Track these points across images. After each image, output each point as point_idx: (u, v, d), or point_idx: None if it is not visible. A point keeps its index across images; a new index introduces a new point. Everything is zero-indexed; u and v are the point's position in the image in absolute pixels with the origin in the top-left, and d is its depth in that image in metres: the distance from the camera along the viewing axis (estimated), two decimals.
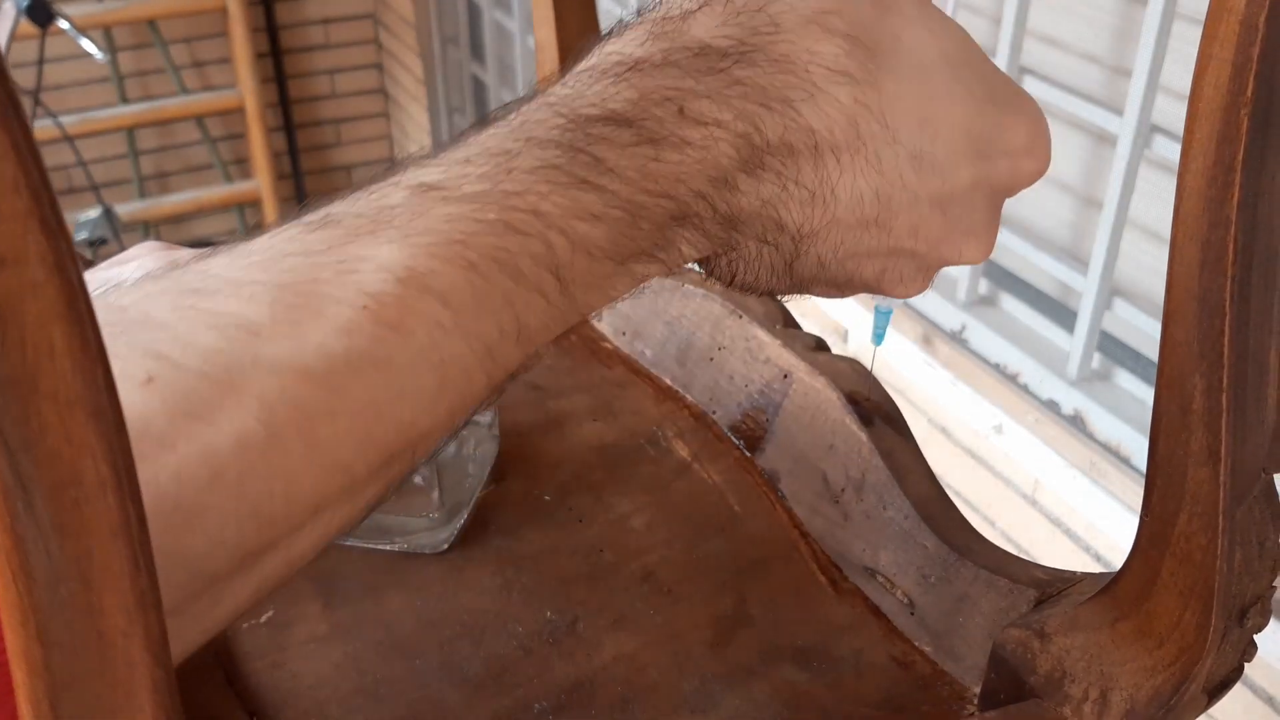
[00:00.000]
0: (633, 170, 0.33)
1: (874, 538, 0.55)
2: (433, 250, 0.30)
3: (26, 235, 0.19)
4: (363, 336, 0.29)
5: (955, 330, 1.50)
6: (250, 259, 0.31)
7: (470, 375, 0.31)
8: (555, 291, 0.32)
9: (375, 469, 0.30)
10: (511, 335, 0.32)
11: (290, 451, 0.28)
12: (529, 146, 0.32)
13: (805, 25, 0.35)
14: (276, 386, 0.28)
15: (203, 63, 3.05)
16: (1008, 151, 0.38)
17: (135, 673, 0.22)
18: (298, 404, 0.28)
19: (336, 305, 0.29)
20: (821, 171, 0.35)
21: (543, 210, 0.32)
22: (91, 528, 0.20)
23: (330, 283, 0.29)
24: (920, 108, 0.36)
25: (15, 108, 0.18)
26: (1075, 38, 1.37)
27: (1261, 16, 0.31)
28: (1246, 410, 0.37)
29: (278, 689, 0.48)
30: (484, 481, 0.59)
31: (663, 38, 0.34)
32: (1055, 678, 0.43)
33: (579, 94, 0.34)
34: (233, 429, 0.27)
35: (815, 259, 0.37)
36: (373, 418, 0.29)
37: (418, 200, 0.31)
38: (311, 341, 0.29)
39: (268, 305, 0.29)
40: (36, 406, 0.19)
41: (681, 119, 0.33)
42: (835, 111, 0.35)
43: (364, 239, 0.30)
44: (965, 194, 0.38)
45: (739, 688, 0.50)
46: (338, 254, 0.30)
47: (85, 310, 0.19)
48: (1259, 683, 1.12)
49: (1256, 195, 0.34)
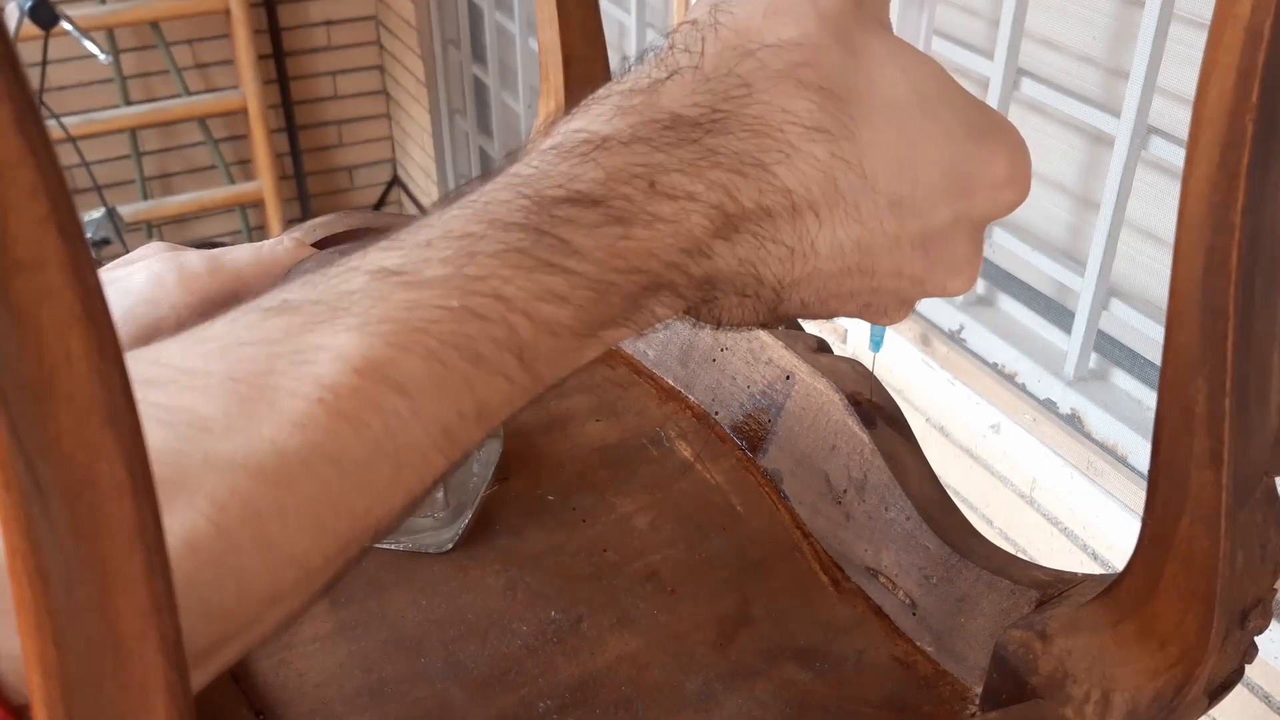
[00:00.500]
0: (600, 250, 0.32)
1: (876, 538, 0.56)
2: (391, 339, 0.30)
3: (45, 240, 0.19)
4: (317, 430, 0.29)
5: (953, 330, 1.51)
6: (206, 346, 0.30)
7: (428, 459, 0.31)
8: (518, 372, 0.32)
9: (331, 558, 0.30)
10: (471, 417, 0.31)
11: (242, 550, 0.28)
12: (492, 229, 0.32)
13: (778, 82, 0.34)
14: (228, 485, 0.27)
15: (205, 64, 3.05)
16: (988, 184, 0.37)
17: (150, 675, 0.22)
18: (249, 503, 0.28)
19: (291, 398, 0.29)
20: (800, 228, 0.35)
21: (505, 295, 0.31)
22: (107, 531, 0.20)
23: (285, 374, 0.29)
24: (897, 152, 0.35)
25: (34, 114, 0.18)
26: (1072, 39, 1.37)
27: (1267, 23, 0.31)
28: (1249, 414, 0.37)
29: (284, 687, 0.48)
30: (488, 481, 0.59)
31: (630, 112, 0.34)
32: (1057, 678, 0.43)
33: (543, 174, 0.33)
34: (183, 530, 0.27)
35: (799, 302, 0.37)
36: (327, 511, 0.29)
37: (377, 286, 0.31)
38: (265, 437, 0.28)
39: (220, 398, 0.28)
40: (53, 410, 0.19)
41: (653, 194, 0.33)
42: (812, 169, 0.34)
43: (321, 327, 0.30)
44: (946, 232, 0.37)
45: (741, 687, 0.50)
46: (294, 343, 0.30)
47: (102, 315, 0.20)
48: (1258, 683, 1.13)
49: (1260, 200, 0.34)
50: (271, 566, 0.28)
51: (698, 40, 0.35)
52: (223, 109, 2.96)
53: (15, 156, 0.18)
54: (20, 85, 0.18)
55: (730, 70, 0.34)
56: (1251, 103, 0.32)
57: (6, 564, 0.20)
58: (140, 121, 2.89)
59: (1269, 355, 0.37)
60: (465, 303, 0.31)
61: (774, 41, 0.34)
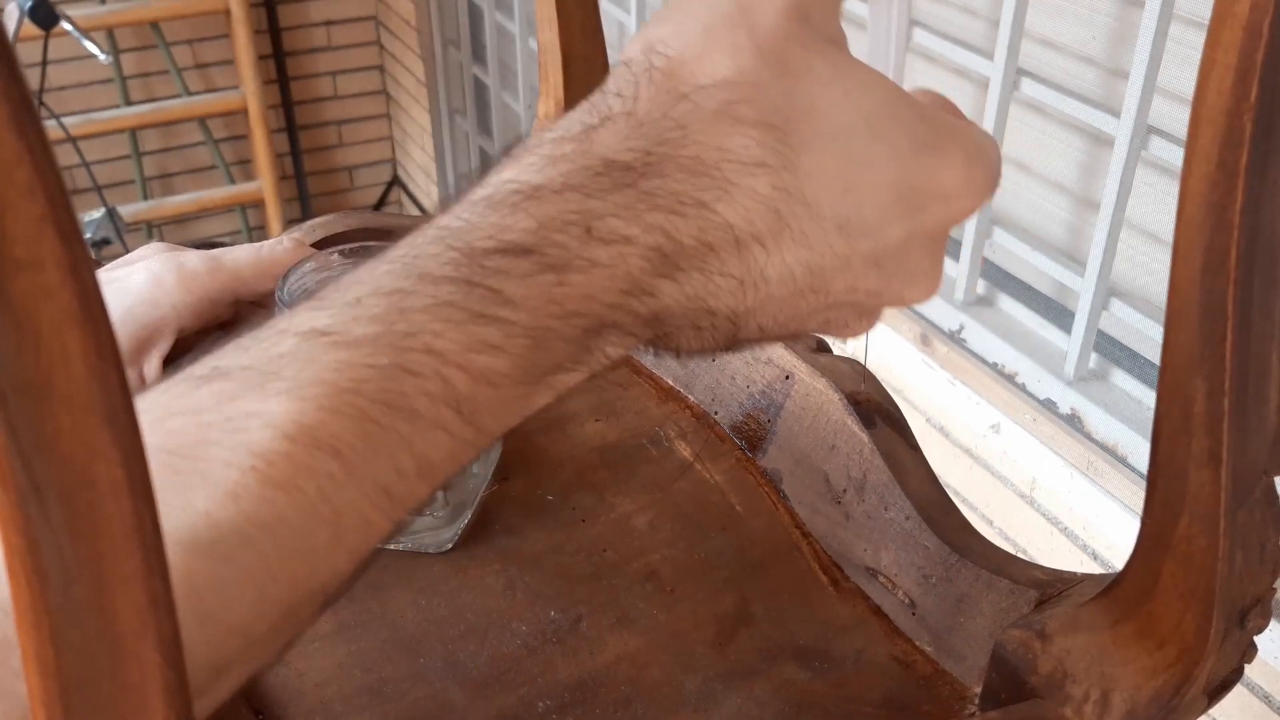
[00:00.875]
0: (534, 299, 0.32)
1: (875, 538, 0.56)
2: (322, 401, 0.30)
3: (42, 240, 0.19)
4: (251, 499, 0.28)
5: (953, 330, 1.51)
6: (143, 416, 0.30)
7: (368, 519, 0.30)
8: (458, 425, 0.31)
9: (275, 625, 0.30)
10: (412, 474, 0.31)
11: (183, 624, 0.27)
12: (421, 283, 0.31)
13: (713, 122, 0.34)
14: None
15: (205, 64, 3.05)
16: (938, 197, 0.36)
17: (147, 674, 0.22)
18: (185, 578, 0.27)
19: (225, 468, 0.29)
20: (747, 259, 0.34)
21: (437, 349, 0.31)
22: (105, 530, 0.20)
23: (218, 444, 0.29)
24: (842, 177, 0.35)
25: (31, 113, 0.18)
26: (1072, 39, 1.37)
27: (1266, 22, 0.31)
28: (1248, 413, 0.37)
29: (284, 687, 0.48)
30: (488, 481, 0.59)
31: (562, 160, 0.33)
32: (1056, 678, 0.43)
33: (472, 226, 0.33)
34: None
35: (756, 328, 0.37)
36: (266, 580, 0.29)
37: (306, 348, 0.31)
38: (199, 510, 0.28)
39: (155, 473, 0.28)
40: (51, 410, 0.19)
41: (589, 240, 0.32)
42: (753, 203, 0.34)
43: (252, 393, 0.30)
44: (899, 247, 0.37)
45: (741, 687, 0.50)
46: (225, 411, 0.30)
47: (100, 315, 0.20)
48: (1257, 682, 1.13)
49: (1259, 200, 0.34)
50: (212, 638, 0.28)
51: (631, 84, 0.34)
52: (223, 109, 2.96)
53: (12, 156, 0.18)
54: (17, 84, 0.18)
55: (664, 114, 0.34)
56: (1250, 102, 0.32)
57: (5, 563, 0.20)
58: (140, 121, 2.89)
59: (1268, 355, 0.37)
60: (396, 359, 0.30)
61: (708, 82, 0.34)
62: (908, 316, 1.54)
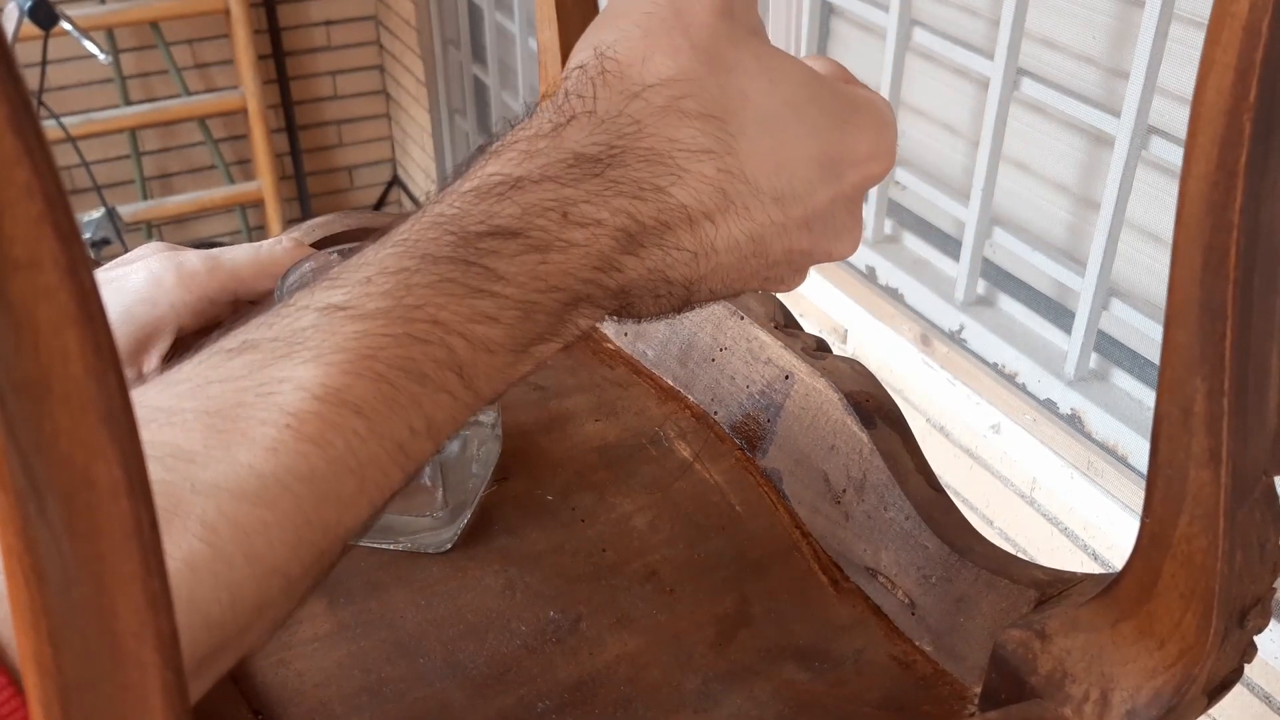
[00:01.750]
0: (523, 275, 0.36)
1: (875, 538, 0.56)
2: (345, 367, 0.33)
3: (40, 240, 0.19)
4: (288, 453, 0.32)
5: (953, 330, 1.51)
6: (178, 388, 0.33)
7: (386, 472, 0.34)
8: (459, 388, 0.35)
9: (309, 567, 0.33)
10: (422, 432, 0.35)
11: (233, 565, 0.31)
12: (424, 263, 0.35)
13: (663, 116, 0.38)
14: (215, 509, 0.31)
15: (205, 64, 3.05)
16: (853, 163, 0.42)
17: (146, 674, 0.22)
18: (235, 522, 0.31)
19: (262, 426, 0.32)
20: (699, 234, 0.39)
21: (442, 319, 0.35)
22: (104, 531, 0.20)
23: (254, 405, 0.32)
24: (774, 155, 0.40)
25: (29, 113, 0.18)
26: (1072, 39, 1.37)
27: (1265, 21, 0.31)
28: (1248, 413, 0.37)
29: (283, 687, 0.48)
30: (487, 481, 0.59)
31: (538, 155, 0.38)
32: (1056, 678, 0.43)
33: (465, 213, 0.37)
34: (181, 552, 0.30)
35: (707, 291, 0.41)
36: (303, 524, 0.32)
37: (326, 321, 0.34)
38: (242, 463, 0.31)
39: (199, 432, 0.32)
40: (50, 410, 0.19)
41: (565, 223, 0.37)
42: (702, 185, 0.39)
43: (281, 362, 0.33)
44: (825, 210, 0.42)
45: (740, 687, 0.50)
46: (258, 378, 0.33)
47: (98, 314, 0.20)
48: (1257, 682, 1.13)
49: (1259, 199, 0.34)
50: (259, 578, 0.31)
51: (589, 86, 0.39)
52: (223, 109, 2.95)
53: (11, 156, 0.18)
54: (16, 84, 0.18)
55: (620, 111, 0.38)
56: (1249, 101, 0.32)
57: (4, 563, 0.20)
58: (140, 121, 2.89)
59: (1268, 354, 0.37)
60: (407, 330, 0.34)
61: (655, 81, 0.39)
62: (908, 317, 1.54)
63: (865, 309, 1.61)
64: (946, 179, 1.59)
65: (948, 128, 1.59)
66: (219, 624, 0.31)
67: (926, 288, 1.54)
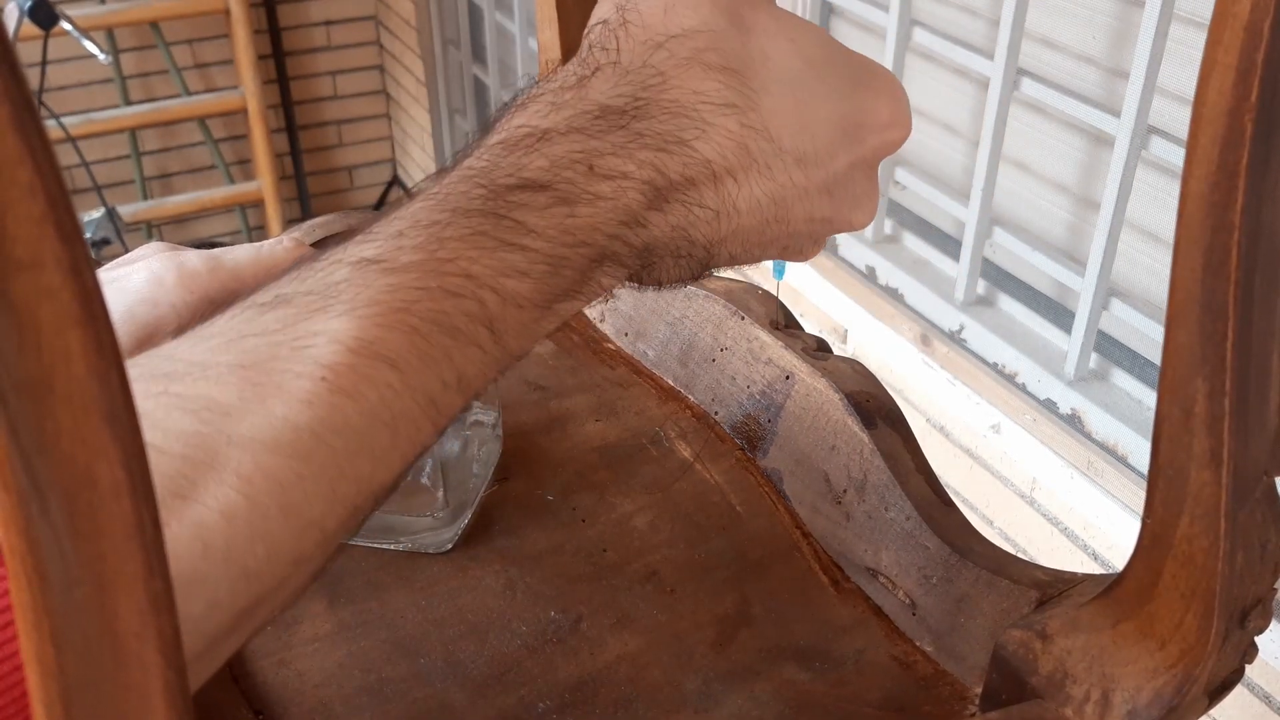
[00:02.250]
0: (552, 229, 0.36)
1: (876, 538, 0.56)
2: (378, 320, 0.33)
3: (43, 240, 0.19)
4: (322, 406, 0.32)
5: (953, 330, 1.51)
6: (212, 342, 0.33)
7: (418, 426, 0.34)
8: (490, 343, 0.35)
9: (344, 521, 0.33)
10: (453, 386, 0.35)
11: (269, 517, 0.31)
12: (456, 217, 0.35)
13: (687, 68, 0.39)
14: (251, 461, 0.31)
15: (205, 64, 3.05)
16: (875, 128, 0.42)
17: (148, 675, 0.22)
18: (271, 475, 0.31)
19: (296, 379, 0.32)
20: (722, 192, 0.39)
21: (473, 273, 0.35)
22: (106, 531, 0.20)
23: (288, 359, 0.32)
24: (796, 114, 0.40)
25: (32, 113, 0.18)
26: (1073, 39, 1.37)
27: (1266, 22, 0.31)
28: (1249, 414, 0.37)
29: (283, 687, 0.48)
30: (488, 481, 0.59)
31: (564, 107, 0.38)
32: (1057, 678, 0.43)
33: (495, 166, 0.37)
34: (218, 504, 0.30)
35: (727, 256, 0.41)
36: (337, 477, 0.32)
37: (360, 275, 0.34)
38: (277, 416, 0.31)
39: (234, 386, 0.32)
40: (52, 410, 0.19)
41: (592, 176, 0.37)
42: (726, 140, 0.39)
43: (315, 315, 0.33)
44: (846, 175, 0.42)
45: (741, 687, 0.50)
46: (292, 331, 0.33)
47: (100, 314, 0.20)
48: (1257, 682, 1.13)
49: (1260, 200, 0.34)
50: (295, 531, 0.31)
51: (612, 39, 0.39)
52: (223, 109, 2.95)
53: (13, 156, 0.18)
54: (18, 84, 0.18)
55: (645, 63, 0.39)
56: (1251, 102, 0.32)
57: (6, 563, 0.20)
58: (140, 121, 2.88)
59: (1269, 355, 0.37)
60: (439, 283, 0.34)
61: (678, 32, 0.39)
62: (908, 317, 1.54)
63: (865, 309, 1.61)
64: (946, 179, 1.59)
65: (948, 128, 1.59)
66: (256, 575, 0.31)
67: (926, 288, 1.54)
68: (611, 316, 0.71)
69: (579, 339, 0.71)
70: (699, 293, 0.67)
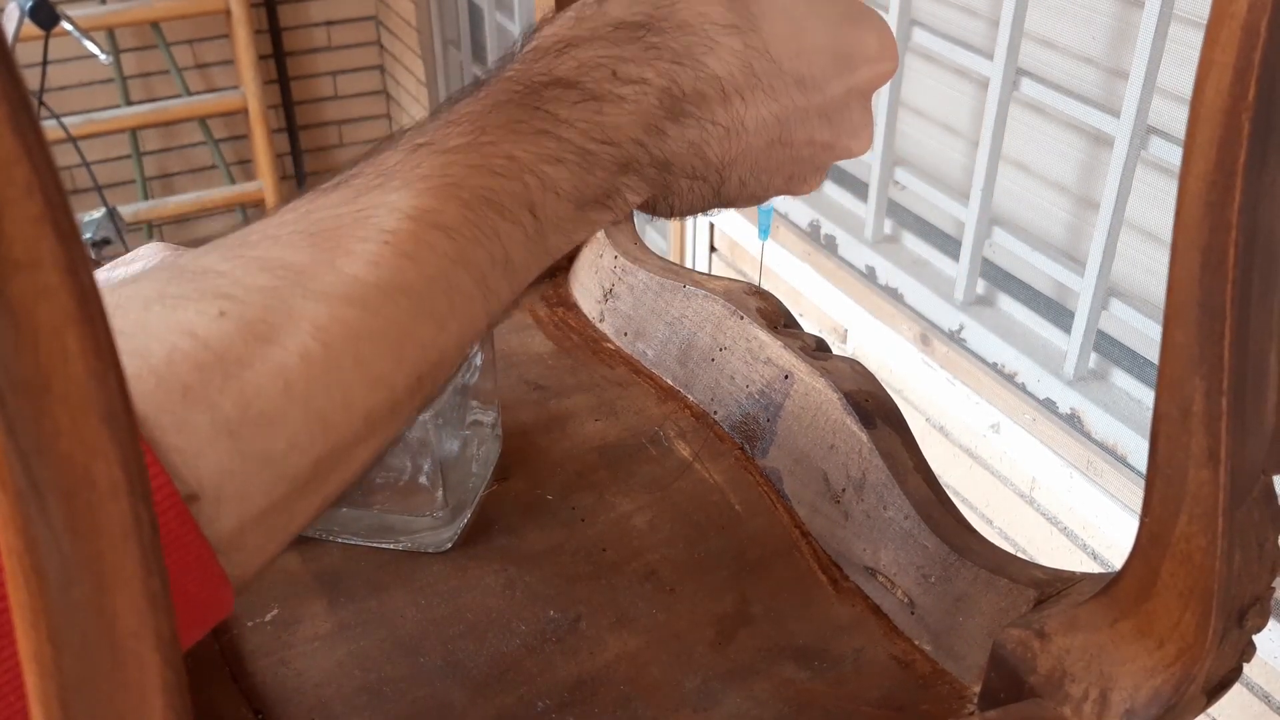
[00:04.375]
0: (582, 121, 0.39)
1: (874, 537, 0.56)
2: (433, 191, 0.36)
3: (40, 239, 0.19)
4: (387, 267, 0.34)
5: (953, 330, 1.51)
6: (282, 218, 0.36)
7: (471, 300, 0.36)
8: (532, 226, 0.38)
9: (410, 386, 0.35)
10: (500, 264, 0.37)
11: (343, 366, 0.33)
12: (496, 109, 0.39)
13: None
14: (325, 312, 0.33)
15: (206, 65, 3.05)
16: (865, 59, 0.46)
17: (146, 674, 0.22)
18: (344, 325, 0.33)
19: (362, 243, 0.34)
20: (731, 110, 0.42)
21: (516, 155, 0.38)
22: (104, 530, 0.20)
23: (354, 226, 0.35)
24: (794, 40, 0.44)
25: (28, 112, 0.18)
26: (1072, 40, 1.37)
27: (1263, 20, 0.31)
28: (1246, 413, 0.37)
29: (283, 687, 0.48)
30: (487, 481, 0.59)
31: (588, 20, 0.42)
32: (1055, 677, 0.43)
33: (529, 68, 0.40)
34: (296, 347, 0.32)
35: (737, 181, 0.45)
36: (403, 335, 0.34)
37: (413, 156, 0.37)
38: (347, 274, 0.34)
39: (306, 249, 0.34)
40: (50, 410, 0.19)
41: (615, 80, 0.40)
42: (732, 58, 0.42)
43: (374, 191, 0.36)
44: (842, 101, 0.46)
45: (740, 686, 0.50)
46: (355, 205, 0.35)
47: (98, 314, 0.20)
48: (1256, 682, 1.13)
49: (1257, 199, 0.34)
50: (367, 384, 0.34)
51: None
52: (223, 109, 2.96)
53: (10, 155, 0.18)
54: (15, 83, 0.18)
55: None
56: (1248, 101, 0.32)
57: (4, 563, 0.20)
58: (141, 121, 2.89)
59: (1266, 353, 0.37)
60: (485, 162, 0.37)
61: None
62: (908, 316, 1.54)
63: (865, 309, 1.61)
64: (946, 179, 1.59)
65: (948, 128, 1.59)
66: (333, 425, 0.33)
67: (926, 287, 1.54)
68: (611, 316, 0.71)
69: (578, 339, 0.71)
70: (698, 292, 0.67)
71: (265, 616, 0.51)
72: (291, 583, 0.53)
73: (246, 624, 0.51)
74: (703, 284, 0.67)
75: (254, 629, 0.51)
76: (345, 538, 0.56)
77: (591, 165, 0.39)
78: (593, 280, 0.73)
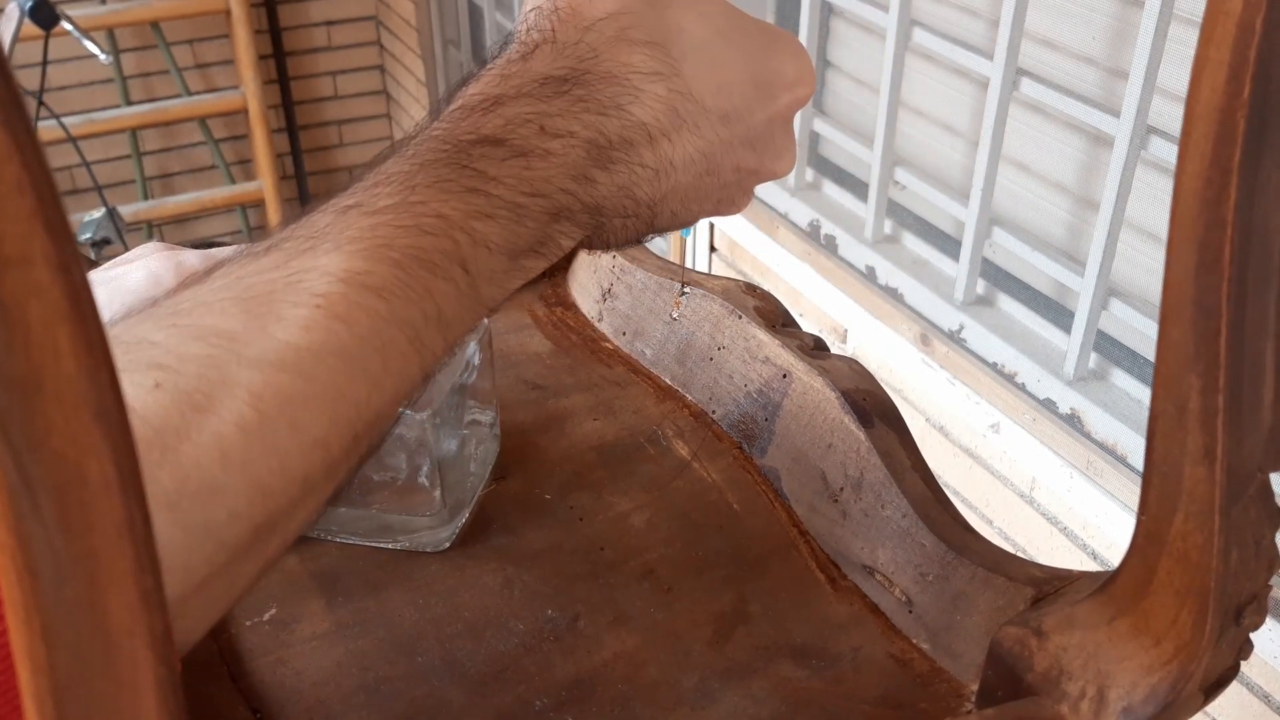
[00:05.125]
0: (510, 178, 0.40)
1: (872, 536, 0.56)
2: (363, 253, 0.36)
3: (31, 236, 0.19)
4: (319, 330, 0.35)
5: (953, 330, 1.50)
6: (215, 284, 0.36)
7: (405, 358, 0.37)
8: (464, 282, 0.38)
9: (346, 446, 0.36)
10: (434, 321, 0.37)
11: (279, 432, 0.33)
12: (424, 168, 0.39)
13: (615, 44, 0.43)
14: (260, 379, 0.33)
15: (206, 64, 3.05)
16: (785, 85, 0.47)
17: (139, 671, 0.22)
18: (279, 391, 0.33)
19: (294, 308, 0.35)
20: (659, 152, 0.44)
21: (445, 214, 0.38)
22: (96, 527, 0.20)
23: (285, 291, 0.35)
24: (715, 77, 0.45)
25: (19, 109, 0.18)
26: (1072, 39, 1.37)
27: (1258, 18, 0.31)
28: (1242, 410, 0.37)
29: (281, 686, 0.48)
30: (485, 480, 0.59)
31: (513, 78, 0.42)
32: (1052, 675, 0.43)
33: (455, 126, 0.41)
34: (232, 416, 0.32)
35: (669, 213, 0.46)
36: (337, 398, 0.35)
37: (343, 218, 0.38)
38: (280, 339, 0.34)
39: (239, 316, 0.35)
40: (42, 407, 0.19)
41: (543, 134, 0.41)
42: (657, 104, 0.43)
43: (305, 254, 0.36)
44: (764, 129, 0.47)
45: (738, 685, 0.50)
46: (286, 270, 0.36)
47: (90, 311, 0.20)
48: (1256, 681, 1.13)
49: (1252, 196, 0.34)
50: (303, 449, 0.34)
51: (546, 23, 0.44)
52: (223, 109, 2.96)
53: (1, 151, 0.18)
54: (5, 80, 0.18)
55: (578, 40, 0.43)
56: (1243, 99, 0.32)
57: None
58: (140, 121, 2.89)
59: (1262, 351, 0.37)
60: (415, 221, 0.37)
61: (603, 15, 0.44)
62: (908, 316, 1.54)
63: (865, 309, 1.61)
64: (946, 179, 1.59)
65: (948, 128, 1.59)
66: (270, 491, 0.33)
67: (926, 287, 1.54)
68: (609, 316, 0.71)
69: (577, 338, 0.71)
70: (697, 292, 0.67)
71: (263, 616, 0.51)
72: (289, 582, 0.53)
73: (244, 623, 0.51)
74: (702, 284, 0.67)
75: (252, 628, 0.51)
76: (343, 537, 0.56)
77: (522, 217, 0.40)
78: (591, 280, 0.73)
